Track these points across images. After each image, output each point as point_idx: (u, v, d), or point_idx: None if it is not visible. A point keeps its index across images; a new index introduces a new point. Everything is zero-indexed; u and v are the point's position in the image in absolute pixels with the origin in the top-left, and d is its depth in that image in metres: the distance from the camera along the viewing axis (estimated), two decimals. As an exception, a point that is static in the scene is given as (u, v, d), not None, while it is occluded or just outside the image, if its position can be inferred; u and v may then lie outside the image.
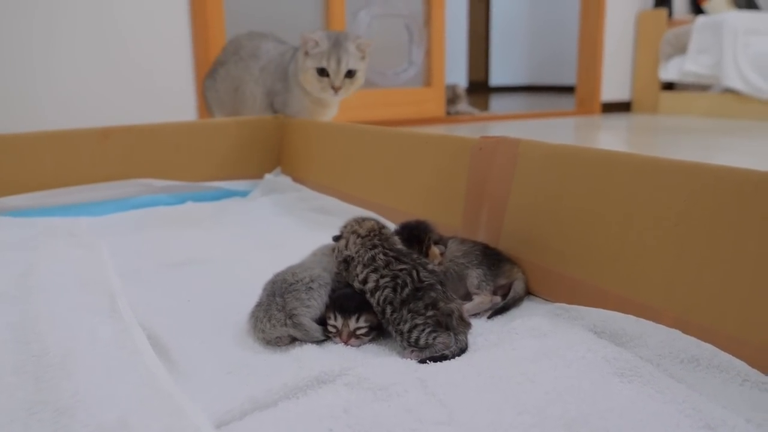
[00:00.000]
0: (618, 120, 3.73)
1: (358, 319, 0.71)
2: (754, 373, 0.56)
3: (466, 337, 0.68)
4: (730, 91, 3.83)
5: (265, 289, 0.76)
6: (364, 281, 0.73)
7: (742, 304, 0.59)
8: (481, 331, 0.73)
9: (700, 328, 0.62)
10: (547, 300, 0.80)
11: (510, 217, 0.86)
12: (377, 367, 0.62)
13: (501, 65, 8.22)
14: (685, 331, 0.63)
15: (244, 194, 1.55)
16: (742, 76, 3.77)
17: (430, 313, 0.67)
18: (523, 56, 8.17)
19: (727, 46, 3.79)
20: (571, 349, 0.64)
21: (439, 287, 0.70)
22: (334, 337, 0.71)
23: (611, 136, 2.90)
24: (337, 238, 0.82)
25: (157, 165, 1.50)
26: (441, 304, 0.68)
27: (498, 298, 0.80)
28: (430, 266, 0.74)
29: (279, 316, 0.71)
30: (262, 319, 0.72)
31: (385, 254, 0.74)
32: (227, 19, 2.88)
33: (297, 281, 0.74)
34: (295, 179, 1.55)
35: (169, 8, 2.72)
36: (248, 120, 1.61)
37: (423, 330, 0.66)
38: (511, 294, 0.79)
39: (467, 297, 0.80)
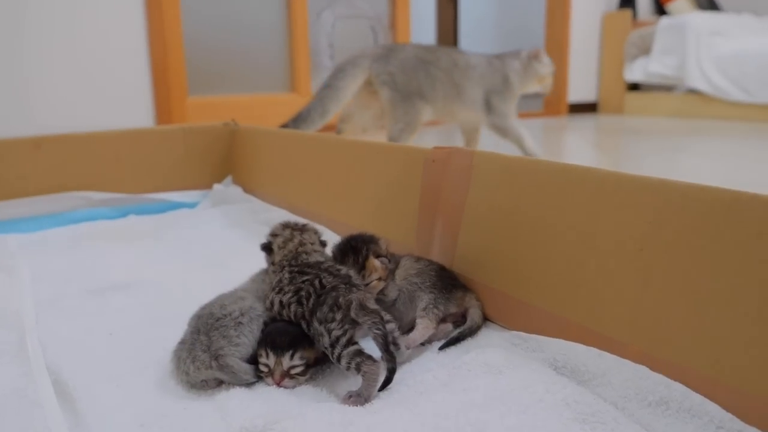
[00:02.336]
0: (584, 121, 3.71)
1: (292, 356, 0.63)
2: (729, 419, 0.50)
3: (392, 357, 0.61)
4: (694, 92, 3.84)
5: (189, 325, 0.68)
6: (270, 307, 0.68)
7: (713, 338, 0.53)
8: (432, 366, 0.66)
9: (669, 365, 0.56)
10: (504, 327, 0.74)
11: (464, 235, 0.80)
12: (309, 419, 0.54)
13: (469, 66, 8.19)
14: (652, 368, 0.57)
15: (192, 206, 1.46)
16: (705, 77, 3.79)
17: (339, 316, 0.62)
18: (490, 57, 8.13)
19: (690, 48, 3.80)
20: (527, 390, 0.57)
21: (342, 287, 0.65)
22: (267, 377, 0.64)
23: (578, 138, 2.87)
24: (265, 247, 0.76)
25: (97, 176, 1.40)
26: (341, 300, 0.63)
27: (449, 326, 0.73)
28: (343, 272, 0.69)
29: (203, 357, 0.63)
30: (185, 360, 0.64)
31: (290, 272, 0.69)
32: (184, 21, 2.77)
33: (225, 315, 0.66)
34: (247, 189, 1.46)
35: (123, 10, 2.59)
36: (196, 127, 1.52)
37: (345, 348, 0.60)
38: (467, 323, 0.73)
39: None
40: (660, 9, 4.58)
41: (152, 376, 0.67)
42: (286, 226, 0.78)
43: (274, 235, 0.78)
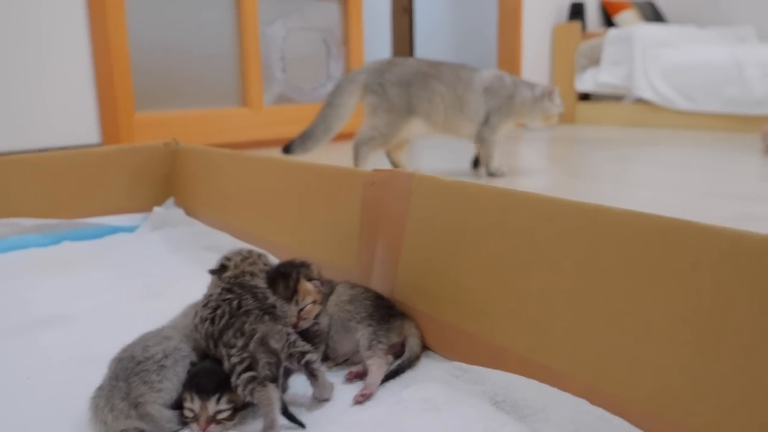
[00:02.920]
0: (536, 131, 3.75)
1: (218, 400, 0.59)
2: (670, 456, 0.49)
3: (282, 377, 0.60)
4: (642, 101, 3.93)
5: (109, 369, 0.63)
6: (194, 317, 0.66)
7: (652, 370, 0.52)
8: (369, 404, 0.63)
9: (610, 397, 0.54)
10: (445, 357, 0.71)
11: (405, 261, 0.77)
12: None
13: (425, 77, 8.25)
14: (593, 401, 0.55)
15: (131, 230, 1.40)
16: (652, 87, 3.88)
17: (240, 342, 0.60)
18: (446, 68, 8.21)
19: (637, 58, 3.89)
20: (466, 429, 0.55)
21: (256, 312, 0.62)
22: (192, 423, 0.59)
23: (529, 148, 2.90)
24: (217, 270, 0.74)
25: (28, 201, 1.33)
26: (246, 327, 0.60)
27: (389, 357, 0.70)
28: (269, 300, 0.66)
29: (122, 406, 0.58)
30: (102, 409, 0.59)
31: (222, 288, 0.67)
32: (131, 34, 2.69)
33: (147, 358, 0.62)
34: (189, 212, 1.41)
35: (64, 22, 2.50)
36: (135, 147, 1.47)
37: (240, 376, 0.58)
38: (406, 354, 0.70)
39: (355, 353, 0.71)
40: (608, 20, 4.69)
41: (68, 426, 0.62)
42: (240, 252, 0.77)
43: (228, 258, 0.76)
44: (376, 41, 7.46)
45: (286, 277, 0.71)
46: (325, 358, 0.72)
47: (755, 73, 3.49)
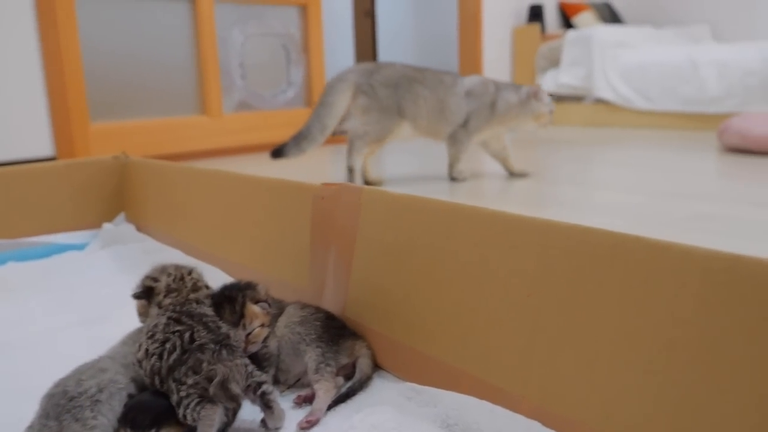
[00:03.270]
0: (520, 133, 3.76)
1: (156, 436, 0.56)
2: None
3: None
4: (602, 102, 3.98)
5: (40, 406, 0.60)
6: (137, 351, 0.62)
7: (603, 391, 0.50)
8: (316, 430, 0.60)
9: (562, 420, 0.53)
10: (398, 378, 0.69)
11: (356, 278, 0.75)
12: None
13: (389, 80, 8.25)
14: (545, 423, 0.53)
15: (80, 248, 1.35)
16: (611, 87, 3.93)
17: (190, 380, 0.56)
18: (410, 71, 8.22)
19: (596, 59, 3.94)
20: (416, 457, 0.53)
21: (212, 346, 0.59)
22: (128, 461, 0.56)
23: (493, 152, 2.91)
24: (142, 294, 0.70)
25: (-32, 221, 1.27)
26: (204, 366, 0.57)
27: (340, 379, 0.68)
28: (223, 330, 0.63)
29: (51, 447, 0.55)
30: (31, 450, 0.56)
31: (168, 318, 0.63)
32: (83, 42, 2.61)
33: (80, 393, 0.58)
34: (140, 227, 1.37)
35: (11, 30, 2.42)
36: (83, 162, 1.41)
37: (189, 404, 0.55)
38: (357, 376, 0.68)
39: (305, 375, 0.68)
40: (567, 22, 4.74)
41: (-4, 469, 0.58)
42: (165, 269, 0.72)
43: (154, 279, 0.71)
44: (339, 45, 7.44)
45: (231, 300, 0.68)
46: (276, 382, 0.70)
47: (710, 72, 3.57)
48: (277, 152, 1.98)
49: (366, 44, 8.16)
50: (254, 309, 0.68)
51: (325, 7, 7.28)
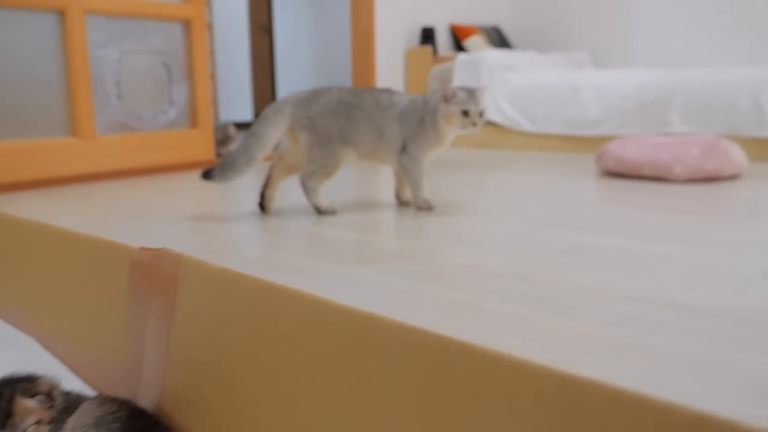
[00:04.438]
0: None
1: None
2: None
3: None
4: (492, 124, 4.07)
5: None
6: None
7: None
8: None
9: None
10: (217, 484, 0.59)
11: (173, 362, 0.64)
12: None
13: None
14: None
15: None
16: (500, 110, 4.03)
17: None
18: (309, 86, 8.15)
19: (485, 82, 4.02)
20: None
21: None
22: None
23: (379, 174, 2.87)
24: None
25: None
26: None
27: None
28: None
29: None
30: None
31: None
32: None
33: None
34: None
35: None
36: None
37: None
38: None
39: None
40: (458, 45, 4.83)
41: None
42: None
43: None
44: (235, 61, 7.24)
45: None
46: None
47: (589, 96, 3.73)
48: (206, 174, 1.91)
49: (264, 60, 8.01)
50: (26, 404, 0.57)
51: (220, 22, 7.07)
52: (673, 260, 1.32)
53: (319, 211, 1.93)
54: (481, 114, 1.88)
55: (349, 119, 1.88)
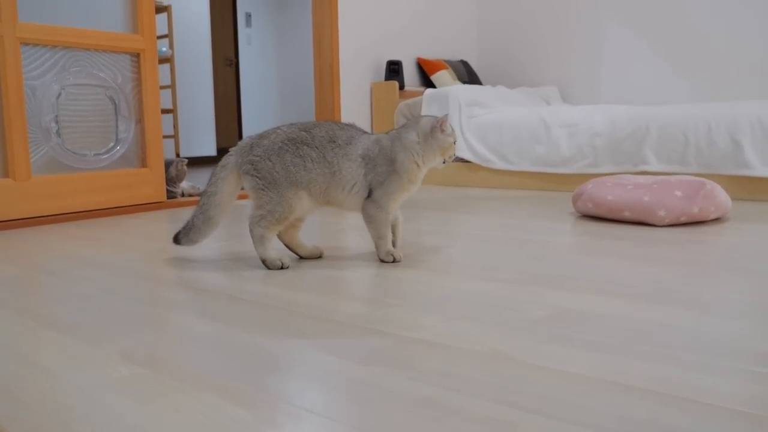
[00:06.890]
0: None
1: None
2: None
3: None
4: (461, 161, 3.92)
5: None
6: None
7: None
8: None
9: None
10: None
11: None
12: None
13: (253, 130, 7.98)
14: None
15: None
16: (468, 146, 3.88)
17: None
18: (275, 119, 8.02)
19: (453, 117, 3.88)
20: None
21: None
22: None
23: (340, 216, 2.66)
24: None
25: None
26: None
27: None
28: None
29: None
30: None
31: None
32: None
33: None
34: None
35: None
36: None
37: None
38: None
39: None
40: (426, 79, 4.71)
41: None
42: None
43: None
44: (199, 95, 7.04)
45: None
46: None
47: (560, 132, 3.60)
48: (175, 239, 1.84)
49: (229, 93, 7.82)
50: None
51: (182, 56, 6.87)
52: (673, 330, 1.13)
53: (266, 265, 1.72)
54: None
55: (297, 157, 1.68)
